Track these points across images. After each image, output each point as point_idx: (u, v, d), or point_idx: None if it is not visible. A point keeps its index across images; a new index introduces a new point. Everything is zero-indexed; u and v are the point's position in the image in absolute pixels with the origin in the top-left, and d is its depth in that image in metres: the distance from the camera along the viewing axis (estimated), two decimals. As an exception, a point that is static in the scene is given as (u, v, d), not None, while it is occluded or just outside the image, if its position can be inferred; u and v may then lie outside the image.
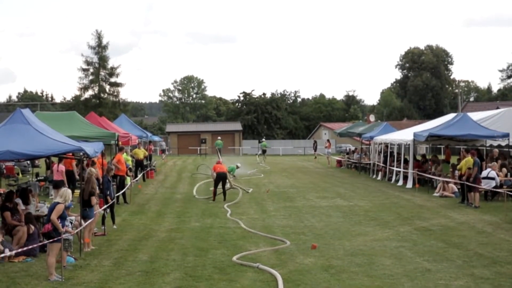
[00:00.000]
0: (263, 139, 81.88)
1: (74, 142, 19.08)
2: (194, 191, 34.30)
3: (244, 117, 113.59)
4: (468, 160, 28.68)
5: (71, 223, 16.65)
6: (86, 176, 19.99)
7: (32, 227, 18.54)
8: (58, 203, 15.60)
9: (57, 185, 28.00)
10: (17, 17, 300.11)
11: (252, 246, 19.09)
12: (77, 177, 29.31)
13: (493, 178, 28.72)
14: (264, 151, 71.60)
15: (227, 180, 32.44)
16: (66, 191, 15.99)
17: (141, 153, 41.74)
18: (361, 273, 15.43)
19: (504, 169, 30.94)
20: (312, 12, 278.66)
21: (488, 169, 29.14)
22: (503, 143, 35.43)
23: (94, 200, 19.53)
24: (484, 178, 28.78)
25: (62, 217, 15.53)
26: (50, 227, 15.32)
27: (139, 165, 40.87)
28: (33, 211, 20.30)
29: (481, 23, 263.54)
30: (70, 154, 20.62)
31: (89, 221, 19.00)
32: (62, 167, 28.68)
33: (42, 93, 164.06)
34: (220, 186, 31.06)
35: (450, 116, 40.50)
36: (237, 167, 45.75)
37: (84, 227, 18.17)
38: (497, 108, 51.69)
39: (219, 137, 78.23)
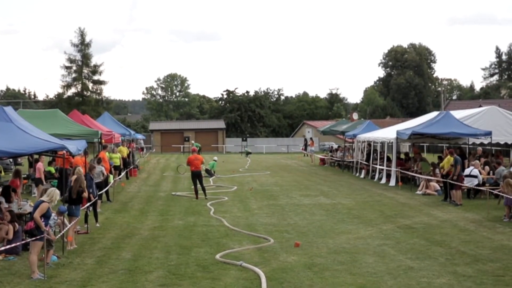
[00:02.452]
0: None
1: (57, 140, 19.02)
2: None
3: (227, 115, 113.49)
4: (450, 158, 28.82)
5: (55, 222, 16.57)
6: (75, 175, 19.94)
7: (17, 225, 18.46)
8: (42, 201, 15.54)
9: (39, 182, 28.00)
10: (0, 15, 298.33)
11: (236, 244, 19.10)
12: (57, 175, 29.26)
13: (475, 176, 28.84)
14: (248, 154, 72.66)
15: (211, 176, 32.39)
16: (54, 191, 15.90)
17: (125, 151, 41.78)
18: (344, 271, 15.45)
19: (487, 167, 31.10)
20: (295, 11, 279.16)
21: (471, 167, 29.25)
22: (486, 141, 35.62)
23: (85, 194, 19.60)
24: (466, 176, 28.91)
25: (46, 216, 15.47)
26: (32, 224, 15.27)
27: (123, 163, 40.86)
28: (15, 209, 20.18)
29: (464, 21, 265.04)
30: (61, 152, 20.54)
31: (76, 219, 18.97)
32: (40, 165, 28.67)
33: (24, 91, 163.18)
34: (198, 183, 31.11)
35: (433, 114, 40.66)
36: (215, 160, 46.02)
37: (68, 225, 18.14)
38: (480, 106, 51.98)
39: (193, 141, 78.50)
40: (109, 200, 29.33)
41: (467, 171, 29.11)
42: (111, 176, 31.38)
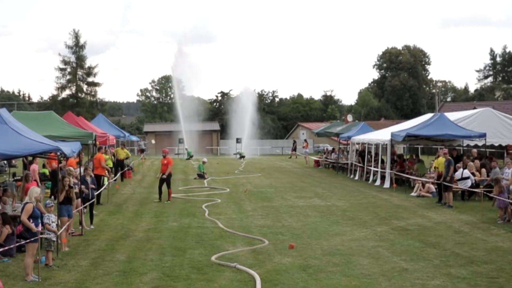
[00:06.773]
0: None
1: (52, 142, 18.96)
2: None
3: (222, 117, 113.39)
4: (443, 159, 28.86)
5: (53, 222, 16.52)
6: (66, 175, 19.90)
7: (9, 227, 18.39)
8: (27, 203, 15.54)
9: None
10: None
11: (230, 246, 19.09)
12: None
13: (467, 178, 28.88)
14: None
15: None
16: (32, 189, 15.93)
17: (122, 153, 41.86)
18: (339, 272, 15.46)
19: (484, 169, 31.05)
20: (290, 13, 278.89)
21: (462, 169, 29.27)
22: (480, 143, 35.63)
23: (75, 195, 19.50)
24: (459, 179, 28.97)
25: (34, 217, 15.45)
26: (21, 228, 15.26)
27: (119, 165, 40.94)
28: (9, 211, 20.14)
29: (458, 23, 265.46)
30: (53, 154, 20.47)
31: (70, 221, 18.93)
32: (34, 167, 28.60)
33: (19, 93, 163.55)
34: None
35: (428, 116, 40.65)
36: (204, 162, 45.94)
37: (61, 227, 18.11)
38: (474, 108, 51.94)
39: (186, 147, 79.52)
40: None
41: (458, 174, 29.09)
42: (105, 178, 31.28)
